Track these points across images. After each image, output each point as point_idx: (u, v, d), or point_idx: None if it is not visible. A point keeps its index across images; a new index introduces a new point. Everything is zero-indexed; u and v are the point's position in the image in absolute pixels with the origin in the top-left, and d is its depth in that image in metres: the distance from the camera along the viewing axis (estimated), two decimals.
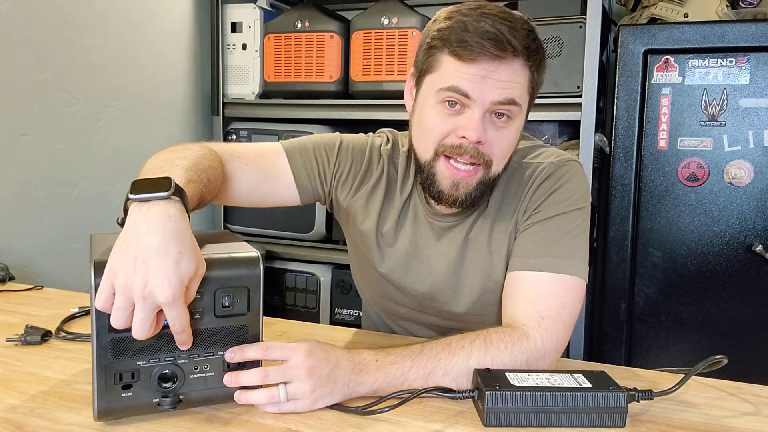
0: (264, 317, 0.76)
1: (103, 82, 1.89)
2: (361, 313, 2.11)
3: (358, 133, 1.11)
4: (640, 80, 1.75)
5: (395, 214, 1.05)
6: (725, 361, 0.80)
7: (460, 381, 0.79)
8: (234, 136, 2.27)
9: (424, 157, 0.94)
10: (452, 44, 0.87)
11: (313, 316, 2.21)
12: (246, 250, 0.74)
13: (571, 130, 2.02)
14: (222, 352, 0.73)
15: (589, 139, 1.80)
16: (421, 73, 0.94)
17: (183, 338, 0.68)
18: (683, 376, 0.80)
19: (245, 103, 2.30)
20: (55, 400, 0.76)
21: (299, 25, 2.15)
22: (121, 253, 0.64)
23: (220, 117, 2.31)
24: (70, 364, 0.88)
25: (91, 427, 0.70)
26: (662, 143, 1.75)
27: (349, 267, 1.21)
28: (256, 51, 2.25)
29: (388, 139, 1.09)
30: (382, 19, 2.03)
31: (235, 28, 2.28)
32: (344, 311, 2.19)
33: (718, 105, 1.69)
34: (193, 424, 0.71)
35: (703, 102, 1.71)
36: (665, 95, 1.74)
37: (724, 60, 1.69)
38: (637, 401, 0.77)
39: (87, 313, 1.12)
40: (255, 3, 2.26)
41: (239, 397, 0.74)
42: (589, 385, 0.75)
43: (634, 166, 1.77)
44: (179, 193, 0.71)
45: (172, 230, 0.65)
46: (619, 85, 1.77)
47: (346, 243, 1.17)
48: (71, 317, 1.09)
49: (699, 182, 1.73)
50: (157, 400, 0.71)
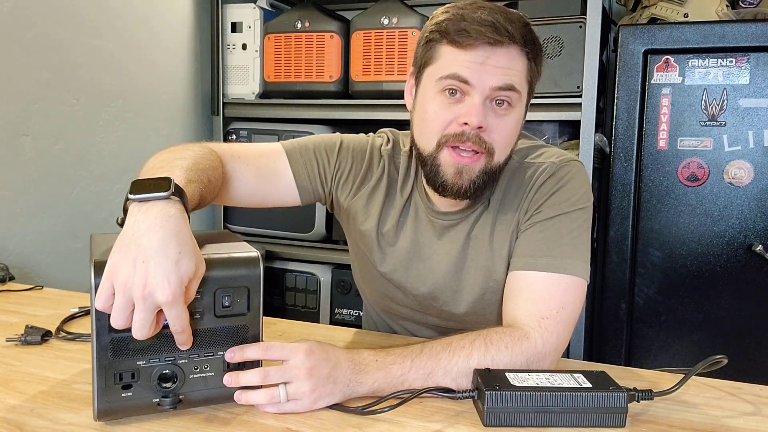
0: (264, 317, 0.76)
1: (103, 82, 1.89)
2: (361, 313, 2.11)
3: (359, 134, 1.11)
4: (640, 80, 1.75)
5: (396, 214, 1.05)
6: (725, 361, 0.80)
7: (460, 381, 0.79)
8: (234, 136, 2.27)
9: (427, 150, 0.94)
10: (450, 34, 0.88)
11: (313, 316, 2.21)
12: (246, 250, 0.74)
13: (571, 130, 2.02)
14: (222, 352, 0.73)
15: (589, 139, 1.80)
16: (421, 68, 0.95)
17: (183, 338, 0.68)
18: (683, 376, 0.80)
19: (245, 103, 2.30)
20: (55, 400, 0.76)
21: (299, 25, 2.15)
22: (121, 253, 0.64)
23: (220, 117, 2.31)
24: (70, 364, 0.88)
25: (91, 427, 0.70)
26: (662, 143, 1.75)
27: (349, 267, 1.21)
28: (256, 51, 2.25)
29: (388, 139, 1.09)
30: (382, 19, 2.03)
31: (235, 28, 2.28)
32: (344, 311, 2.19)
33: (718, 105, 1.69)
34: (193, 424, 0.71)
35: (703, 102, 1.71)
36: (665, 95, 1.74)
37: (724, 60, 1.69)
38: (637, 401, 0.77)
39: (87, 313, 1.12)
40: (255, 3, 2.26)
41: (239, 397, 0.74)
42: (589, 385, 0.75)
43: (634, 166, 1.77)
44: (179, 193, 0.71)
45: (172, 230, 0.65)
46: (619, 85, 1.77)
47: (347, 243, 1.17)
48: (71, 317, 1.09)
49: (699, 182, 1.73)
50: (157, 400, 0.71)
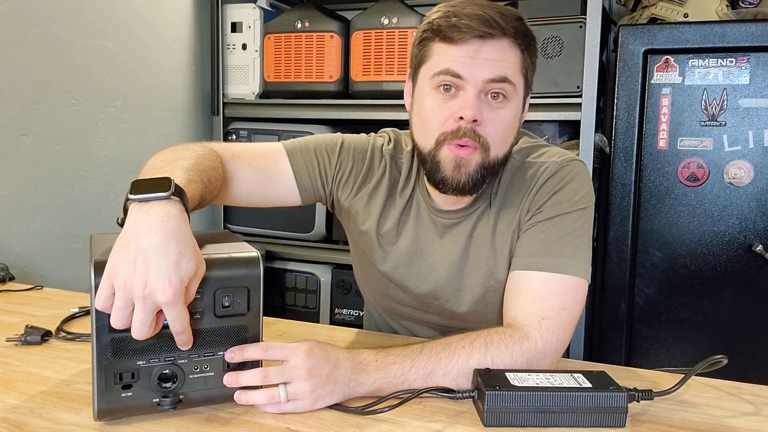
0: (264, 317, 0.76)
1: (103, 82, 1.88)
2: (361, 313, 2.11)
3: (359, 134, 1.11)
4: (640, 80, 1.75)
5: (397, 213, 1.05)
6: (725, 361, 0.80)
7: (460, 381, 0.79)
8: (234, 136, 2.27)
9: (427, 148, 0.94)
10: (442, 30, 0.89)
11: (313, 316, 2.21)
12: (246, 250, 0.74)
13: (571, 130, 2.02)
14: (222, 352, 0.73)
15: (589, 139, 1.80)
16: (416, 67, 0.96)
17: (183, 338, 0.68)
18: (683, 376, 0.80)
19: (245, 103, 2.30)
20: (55, 400, 0.76)
21: (299, 25, 2.15)
22: (121, 253, 0.64)
23: (220, 117, 2.31)
24: (70, 364, 0.88)
25: (91, 427, 0.70)
26: (662, 143, 1.75)
27: (350, 267, 1.21)
28: (256, 51, 2.25)
29: (390, 138, 1.09)
30: (382, 19, 2.03)
31: (235, 28, 2.28)
32: (344, 311, 2.18)
33: (718, 105, 1.69)
34: (193, 424, 0.71)
35: (703, 102, 1.71)
36: (665, 95, 1.74)
37: (724, 60, 1.69)
38: (637, 401, 0.77)
39: (87, 313, 1.12)
40: (255, 3, 2.26)
41: (239, 397, 0.74)
42: (589, 385, 0.74)
43: (634, 166, 1.77)
44: (179, 193, 0.71)
45: (173, 230, 0.65)
46: (619, 85, 1.77)
47: (347, 243, 1.16)
48: (71, 317, 1.09)
49: (699, 182, 1.73)
50: (157, 400, 0.71)
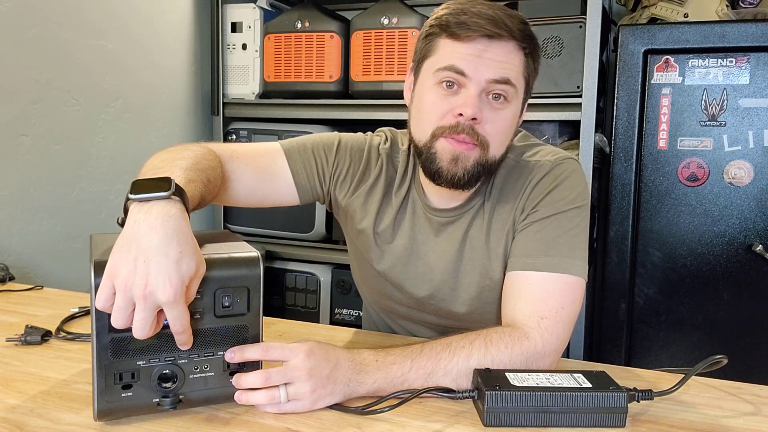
0: (264, 317, 0.76)
1: (103, 82, 1.88)
2: (361, 313, 2.11)
3: (357, 133, 1.11)
4: (640, 80, 1.75)
5: (393, 212, 1.05)
6: (725, 361, 0.80)
7: (460, 381, 0.79)
8: (234, 136, 2.27)
9: (422, 140, 0.94)
10: (450, 27, 0.90)
11: (313, 316, 2.21)
12: (246, 250, 0.74)
13: (571, 130, 2.02)
14: (222, 352, 0.73)
15: (589, 139, 1.80)
16: (420, 61, 0.96)
17: (183, 338, 0.68)
18: (683, 376, 0.80)
19: (245, 103, 2.30)
20: (55, 400, 0.76)
21: (299, 25, 2.15)
22: (122, 253, 0.64)
23: (220, 117, 2.31)
24: (70, 364, 0.88)
25: (91, 427, 0.70)
26: (662, 143, 1.75)
27: (350, 267, 1.21)
28: (256, 51, 2.25)
29: (387, 137, 1.09)
30: (382, 19, 2.03)
31: (235, 28, 2.28)
32: (344, 311, 2.19)
33: (718, 105, 1.69)
34: (193, 424, 0.71)
35: (703, 102, 1.71)
36: (665, 95, 1.74)
37: (724, 60, 1.69)
38: (637, 401, 0.77)
39: (87, 313, 1.12)
40: (255, 3, 2.26)
41: (239, 397, 0.74)
42: (589, 385, 0.75)
43: (634, 166, 1.77)
44: (179, 193, 0.71)
45: (173, 230, 0.65)
46: (619, 85, 1.77)
47: (346, 242, 1.17)
48: (71, 317, 1.09)
49: (699, 182, 1.73)
50: (157, 400, 0.71)
